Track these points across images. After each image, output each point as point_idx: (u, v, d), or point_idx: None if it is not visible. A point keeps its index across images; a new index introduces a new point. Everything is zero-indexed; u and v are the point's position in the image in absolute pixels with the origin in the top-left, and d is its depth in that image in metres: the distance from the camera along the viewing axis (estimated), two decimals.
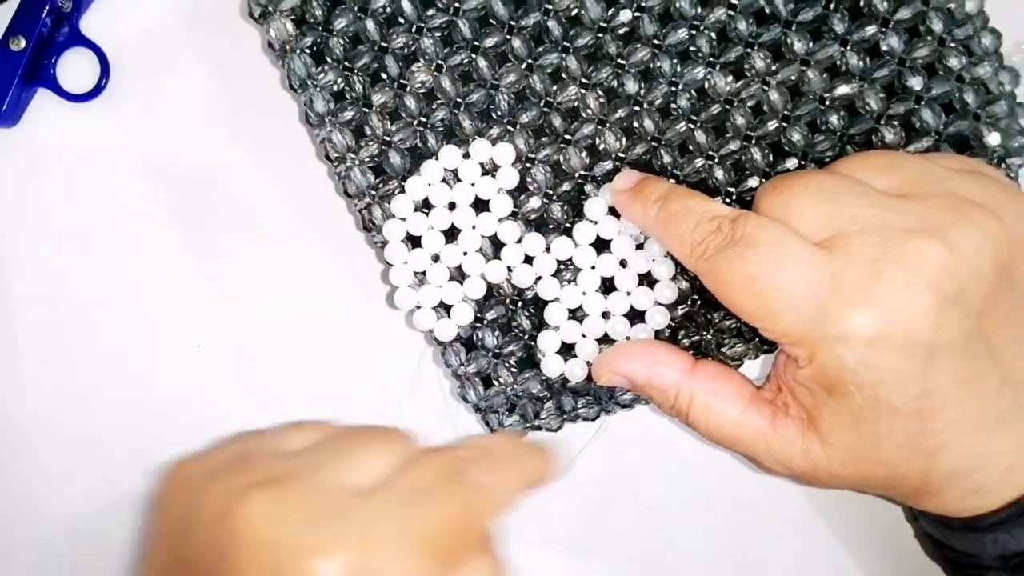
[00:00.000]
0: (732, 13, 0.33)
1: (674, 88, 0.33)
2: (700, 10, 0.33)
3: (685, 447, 0.36)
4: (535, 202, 0.33)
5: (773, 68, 0.33)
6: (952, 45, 0.32)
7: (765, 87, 0.33)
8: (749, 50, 0.33)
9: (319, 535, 0.22)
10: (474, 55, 0.33)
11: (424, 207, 0.33)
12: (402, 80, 0.33)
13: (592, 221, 0.33)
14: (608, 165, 0.33)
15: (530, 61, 0.33)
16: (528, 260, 0.33)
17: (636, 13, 0.33)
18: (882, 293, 0.26)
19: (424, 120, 0.33)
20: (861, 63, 0.33)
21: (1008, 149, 0.32)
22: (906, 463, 0.27)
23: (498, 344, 0.33)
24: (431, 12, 0.33)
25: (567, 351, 0.33)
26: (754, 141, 0.33)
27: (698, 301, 0.33)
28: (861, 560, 0.37)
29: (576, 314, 0.33)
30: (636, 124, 0.33)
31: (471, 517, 0.24)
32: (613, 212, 0.32)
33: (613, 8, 0.33)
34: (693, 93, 0.33)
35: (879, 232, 0.26)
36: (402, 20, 0.33)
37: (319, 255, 0.37)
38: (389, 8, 0.33)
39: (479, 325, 0.33)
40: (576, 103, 0.33)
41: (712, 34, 0.33)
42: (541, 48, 0.33)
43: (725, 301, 0.28)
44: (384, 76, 0.33)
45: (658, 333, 0.33)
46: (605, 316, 0.33)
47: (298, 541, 0.22)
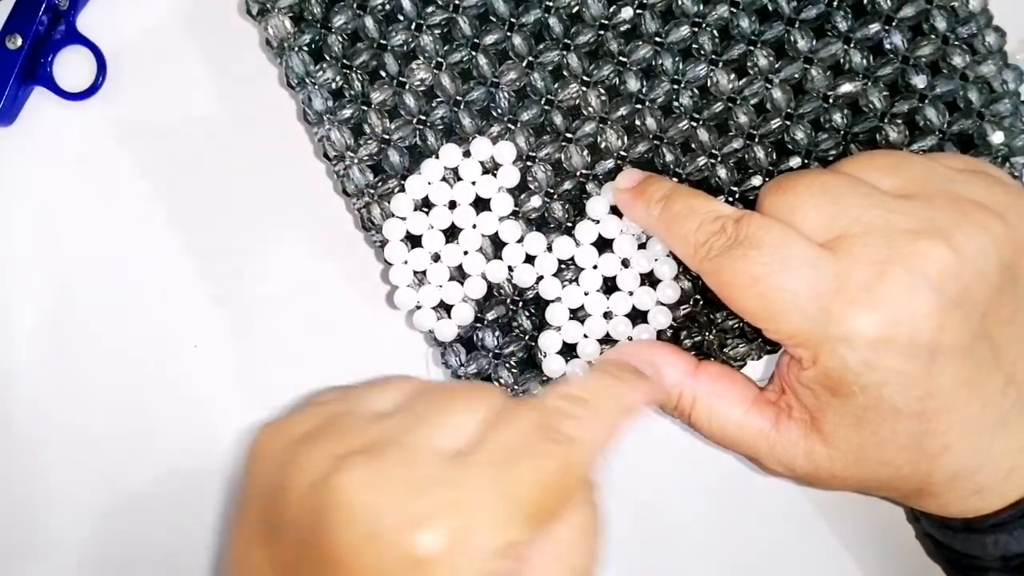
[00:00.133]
0: (734, 10, 0.32)
1: (676, 86, 0.33)
2: (702, 7, 0.32)
3: (685, 447, 0.36)
4: (536, 201, 0.33)
5: (776, 66, 0.32)
6: (956, 43, 0.32)
7: (768, 85, 0.32)
8: (752, 48, 0.32)
9: (417, 505, 0.22)
10: (474, 52, 0.33)
11: (424, 206, 0.33)
12: (401, 78, 0.33)
13: (594, 220, 0.32)
14: (610, 164, 0.33)
15: (531, 59, 0.33)
16: (529, 260, 0.33)
17: (638, 10, 0.33)
18: (886, 294, 0.26)
19: (424, 118, 0.33)
20: (864, 61, 0.32)
21: (1012, 148, 0.32)
22: (909, 464, 0.27)
23: (498, 344, 0.33)
24: (430, 9, 0.33)
25: (569, 351, 0.33)
26: (757, 139, 0.33)
27: (700, 301, 0.32)
28: (862, 560, 0.37)
29: (578, 314, 0.33)
30: (638, 122, 0.33)
31: (567, 473, 0.23)
32: (615, 211, 0.32)
33: (615, 5, 0.33)
34: (695, 91, 0.33)
35: (883, 233, 0.26)
36: (401, 17, 0.33)
37: (318, 254, 0.37)
38: (388, 5, 0.33)
39: (479, 325, 0.33)
40: (577, 101, 0.33)
41: (714, 31, 0.33)
42: (542, 45, 0.33)
43: (728, 302, 0.28)
44: (383, 74, 0.33)
45: (660, 333, 0.32)
46: (607, 316, 0.32)
47: (396, 511, 0.22)
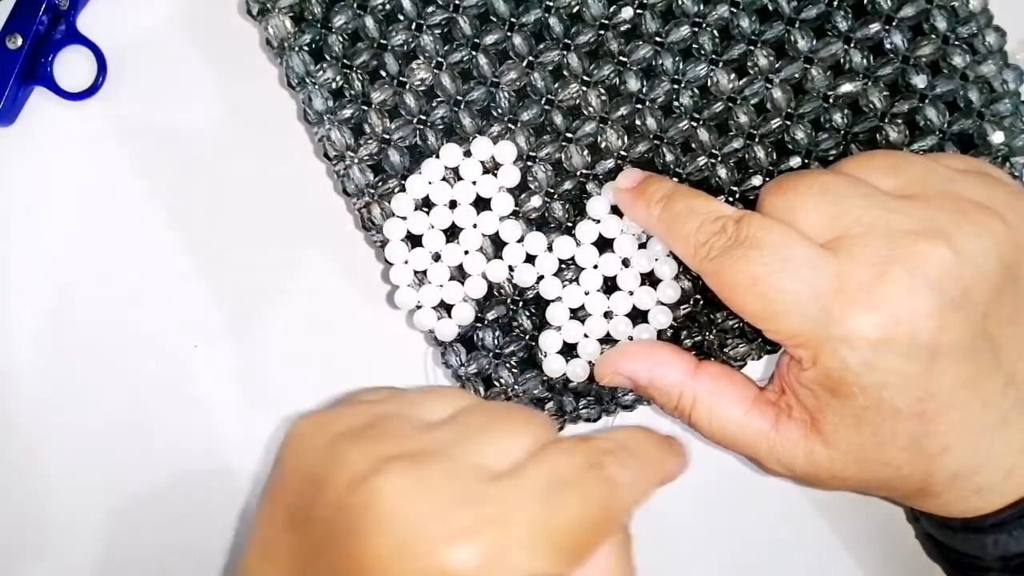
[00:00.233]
0: (735, 10, 0.32)
1: (676, 86, 0.33)
2: (702, 7, 0.32)
3: (685, 447, 0.36)
4: (536, 201, 0.33)
5: (776, 66, 0.32)
6: (956, 43, 0.32)
7: (768, 85, 0.32)
8: (752, 47, 0.32)
9: (456, 519, 0.21)
10: (474, 52, 0.33)
11: (424, 206, 0.33)
12: (401, 78, 0.33)
13: (594, 220, 0.32)
14: (610, 163, 0.33)
15: (531, 58, 0.33)
16: (530, 259, 0.33)
17: (638, 10, 0.33)
18: (886, 295, 0.26)
19: (424, 118, 0.33)
20: (865, 61, 0.32)
21: (1012, 148, 0.32)
22: (909, 465, 0.27)
23: (499, 344, 0.33)
24: (431, 9, 0.32)
25: (569, 351, 0.33)
26: (757, 139, 0.33)
27: (701, 301, 0.32)
28: (862, 560, 0.37)
29: (578, 314, 0.33)
30: (638, 122, 0.33)
31: (607, 512, 0.23)
32: (616, 211, 0.32)
33: (615, 5, 0.33)
34: (696, 91, 0.33)
35: (884, 234, 0.26)
36: (401, 17, 0.33)
37: (318, 254, 0.37)
38: (388, 5, 0.33)
39: (479, 325, 0.33)
40: (578, 101, 0.33)
41: (715, 31, 0.33)
42: (542, 45, 0.33)
43: (729, 302, 0.28)
44: (383, 74, 0.33)
45: (660, 333, 0.32)
46: (607, 316, 0.32)
47: (434, 522, 0.21)
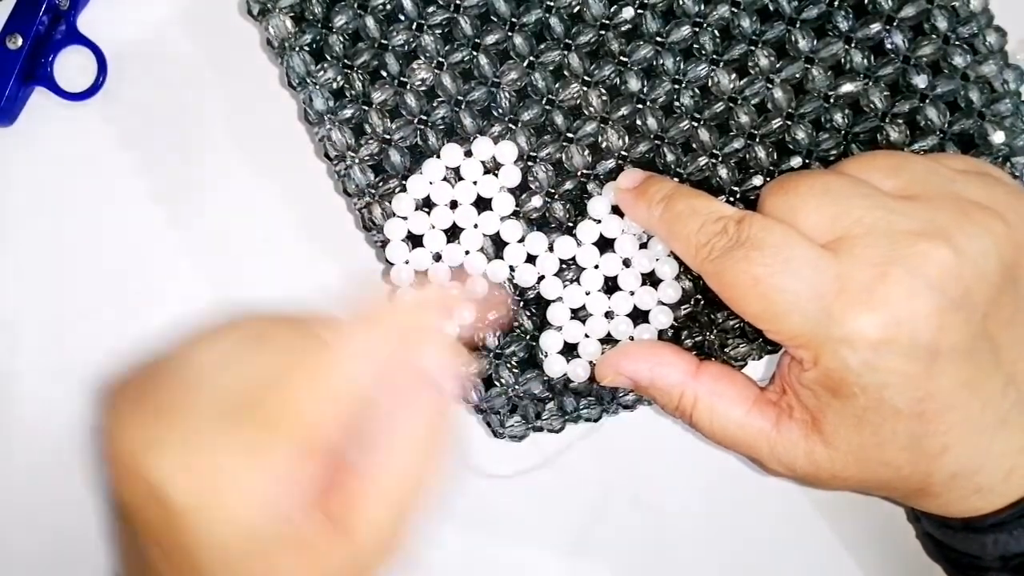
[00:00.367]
0: (735, 10, 0.32)
1: (677, 86, 0.33)
2: (703, 7, 0.32)
3: (686, 447, 0.36)
4: (537, 201, 0.33)
5: (777, 66, 0.32)
6: (956, 43, 0.32)
7: (769, 85, 0.32)
8: (753, 47, 0.32)
9: (163, 444, 0.23)
10: (475, 52, 0.33)
11: (425, 206, 0.33)
12: (402, 78, 0.33)
13: (595, 220, 0.32)
14: (611, 163, 0.33)
15: (532, 58, 0.33)
16: (531, 259, 0.33)
17: (639, 10, 0.33)
18: (887, 296, 0.26)
19: (424, 118, 0.33)
20: (865, 61, 0.32)
21: (1013, 148, 0.32)
22: (909, 465, 0.27)
23: (499, 344, 0.33)
24: (431, 9, 0.32)
25: (570, 351, 0.33)
26: (758, 139, 0.33)
27: (701, 301, 0.32)
28: (862, 560, 0.37)
29: (579, 314, 0.33)
30: (639, 122, 0.33)
31: (315, 385, 0.24)
32: (617, 211, 0.32)
33: (615, 5, 0.33)
34: (696, 91, 0.33)
35: (884, 234, 0.26)
36: (402, 17, 0.33)
37: (319, 254, 0.37)
38: (389, 5, 0.33)
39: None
40: (578, 101, 0.33)
41: (715, 31, 0.33)
42: (543, 45, 0.33)
43: (730, 302, 0.28)
44: (384, 74, 0.33)
45: (661, 333, 0.32)
46: (608, 316, 0.32)
47: (145, 454, 0.23)
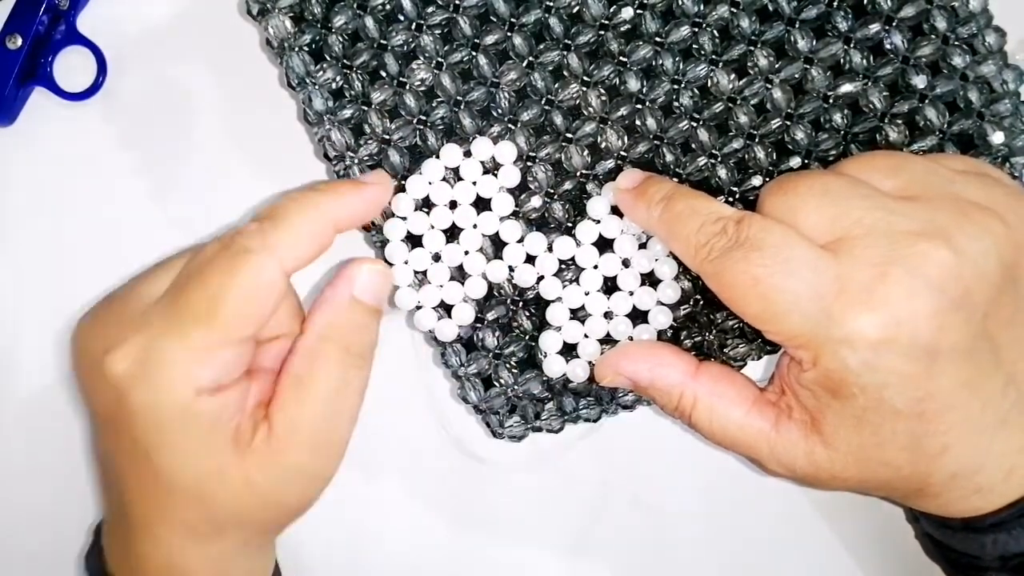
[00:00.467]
0: (735, 10, 0.32)
1: (676, 86, 0.33)
2: (702, 7, 0.32)
3: (685, 447, 0.36)
4: (536, 201, 0.33)
5: (776, 66, 0.32)
6: (956, 43, 0.32)
7: (768, 85, 0.32)
8: (752, 48, 0.32)
9: (108, 336, 0.27)
10: (474, 53, 0.33)
11: (424, 206, 0.33)
12: (402, 78, 0.33)
13: (595, 220, 0.32)
14: (610, 164, 0.33)
15: (531, 59, 0.33)
16: (530, 259, 0.33)
17: (638, 10, 0.33)
18: (887, 296, 0.26)
19: (424, 118, 0.33)
20: (865, 61, 0.32)
21: (1012, 148, 0.32)
22: (909, 465, 0.27)
23: (499, 344, 0.33)
24: (431, 9, 0.32)
25: (569, 351, 0.33)
26: (757, 140, 0.33)
27: (701, 301, 0.32)
28: (861, 560, 0.37)
29: (578, 314, 0.33)
30: (638, 122, 0.33)
31: (236, 276, 0.27)
32: (616, 211, 0.32)
33: (615, 5, 0.33)
34: (696, 91, 0.33)
35: (884, 235, 0.26)
36: (402, 17, 0.33)
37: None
38: (388, 5, 0.33)
39: (479, 326, 0.33)
40: (578, 101, 0.33)
41: (715, 31, 0.33)
42: (542, 46, 0.33)
43: (729, 303, 0.28)
44: (383, 74, 0.33)
45: (660, 333, 0.32)
46: (607, 316, 0.32)
47: (95, 343, 0.27)
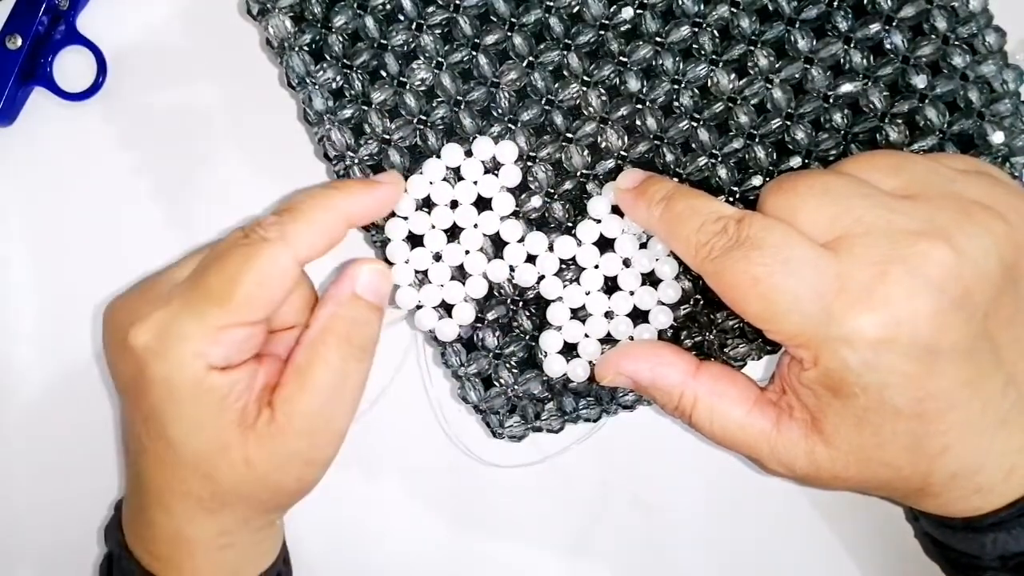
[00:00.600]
0: (735, 10, 0.32)
1: (677, 86, 0.33)
2: (703, 7, 0.32)
3: (686, 447, 0.36)
4: (536, 201, 0.33)
5: (776, 66, 0.32)
6: (956, 43, 0.32)
7: (768, 85, 0.32)
8: (752, 48, 0.32)
9: (134, 312, 0.29)
10: (475, 52, 0.33)
11: (425, 206, 0.33)
12: (402, 78, 0.33)
13: (595, 219, 0.32)
14: (610, 164, 0.33)
15: (531, 59, 0.33)
16: (531, 259, 0.33)
17: (638, 10, 0.33)
18: (887, 295, 0.26)
19: (424, 118, 0.33)
20: (865, 61, 0.32)
21: (1012, 148, 0.32)
22: (909, 465, 0.27)
23: (499, 344, 0.33)
24: (431, 9, 0.32)
25: (569, 351, 0.33)
26: (757, 139, 0.33)
27: (701, 301, 0.32)
28: (861, 560, 0.37)
29: (579, 314, 0.33)
30: (638, 122, 0.33)
31: (252, 261, 0.28)
32: (616, 210, 0.32)
33: (615, 5, 0.33)
34: (696, 91, 0.33)
35: (885, 234, 0.26)
36: (402, 17, 0.33)
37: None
38: (389, 5, 0.33)
39: (479, 325, 0.33)
40: (578, 101, 0.33)
41: (715, 31, 0.33)
42: (542, 45, 0.33)
43: (730, 303, 0.28)
44: (383, 74, 0.33)
45: (661, 333, 0.32)
46: (608, 316, 0.32)
47: (122, 318, 0.29)
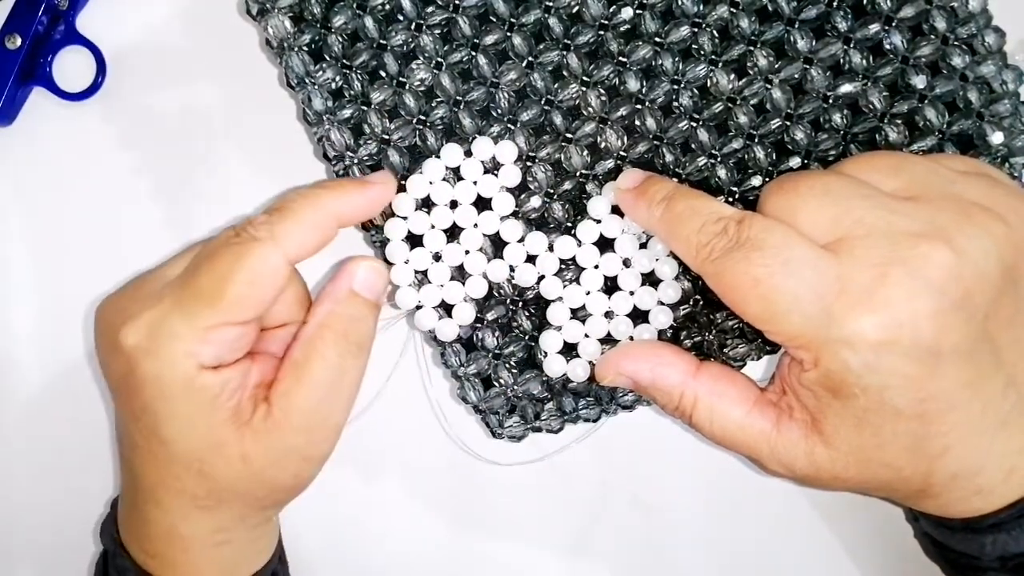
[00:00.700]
0: (734, 11, 0.32)
1: (676, 86, 0.33)
2: (702, 7, 0.32)
3: (685, 447, 0.36)
4: (535, 201, 0.33)
5: (776, 66, 0.32)
6: (955, 43, 0.32)
7: (768, 85, 0.32)
8: (752, 48, 0.32)
9: (125, 311, 0.29)
10: (474, 53, 0.33)
11: (425, 206, 0.33)
12: (401, 78, 0.32)
13: (595, 220, 0.32)
14: (610, 164, 0.33)
15: (531, 59, 0.33)
16: (530, 259, 0.33)
17: (638, 10, 0.33)
18: (888, 297, 0.26)
19: (424, 118, 0.33)
20: (864, 61, 0.32)
21: (1011, 148, 0.32)
22: (910, 466, 0.27)
23: (498, 345, 0.33)
24: (430, 9, 0.32)
25: (569, 351, 0.33)
26: (757, 140, 0.33)
27: (701, 301, 0.32)
28: (861, 560, 0.37)
29: (578, 314, 0.33)
30: (638, 122, 0.33)
31: (242, 261, 0.28)
32: (616, 210, 0.32)
33: (614, 5, 0.33)
34: (695, 91, 0.33)
35: (885, 235, 0.26)
36: (401, 17, 0.33)
37: (318, 254, 0.36)
38: (388, 5, 0.33)
39: (479, 326, 0.33)
40: (577, 101, 0.33)
41: (714, 32, 0.33)
42: (542, 46, 0.33)
43: (730, 303, 0.28)
44: (383, 74, 0.33)
45: (661, 333, 0.32)
46: (608, 316, 0.32)
47: (113, 317, 0.29)
